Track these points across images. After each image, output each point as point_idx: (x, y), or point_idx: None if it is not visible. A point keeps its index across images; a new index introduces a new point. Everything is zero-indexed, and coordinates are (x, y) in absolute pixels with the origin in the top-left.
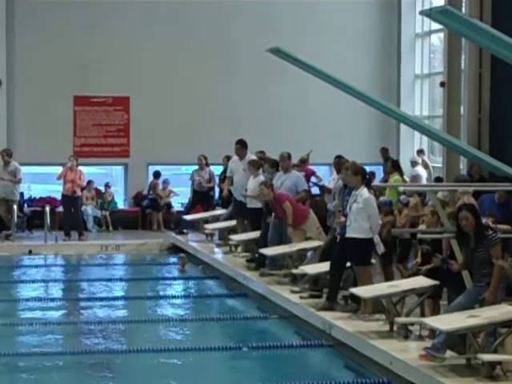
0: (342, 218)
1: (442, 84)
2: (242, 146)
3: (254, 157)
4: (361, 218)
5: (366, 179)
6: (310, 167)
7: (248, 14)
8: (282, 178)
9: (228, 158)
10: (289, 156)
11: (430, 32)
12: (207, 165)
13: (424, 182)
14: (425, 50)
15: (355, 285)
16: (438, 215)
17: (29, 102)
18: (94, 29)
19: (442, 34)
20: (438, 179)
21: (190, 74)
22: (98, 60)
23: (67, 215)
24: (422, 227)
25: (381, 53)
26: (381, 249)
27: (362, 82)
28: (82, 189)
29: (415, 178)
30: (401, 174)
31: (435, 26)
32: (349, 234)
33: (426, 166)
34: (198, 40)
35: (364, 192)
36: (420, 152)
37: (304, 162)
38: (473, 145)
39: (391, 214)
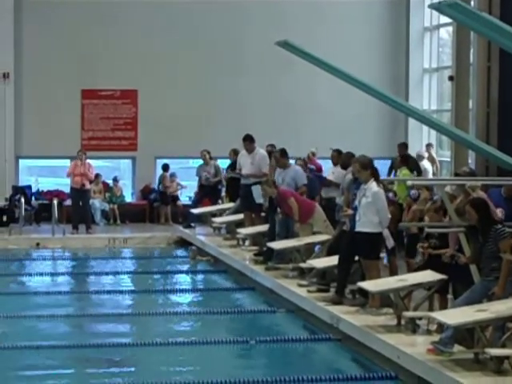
0: (349, 211)
1: (451, 78)
2: (250, 141)
3: (262, 150)
4: (370, 212)
5: (376, 173)
6: (318, 161)
7: (257, 8)
8: (281, 174)
9: (235, 151)
10: (281, 153)
11: (439, 26)
12: (211, 159)
13: (430, 176)
14: (433, 44)
15: (363, 278)
16: (443, 211)
17: (36, 96)
18: (103, 22)
19: (450, 28)
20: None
21: (198, 68)
22: (106, 53)
23: (75, 208)
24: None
25: (389, 46)
26: (390, 243)
27: (370, 76)
28: (90, 182)
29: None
30: (410, 168)
31: (444, 19)
32: (358, 229)
33: (432, 160)
34: (207, 35)
35: (373, 186)
36: (429, 146)
37: (313, 155)
38: (481, 139)
39: (392, 205)
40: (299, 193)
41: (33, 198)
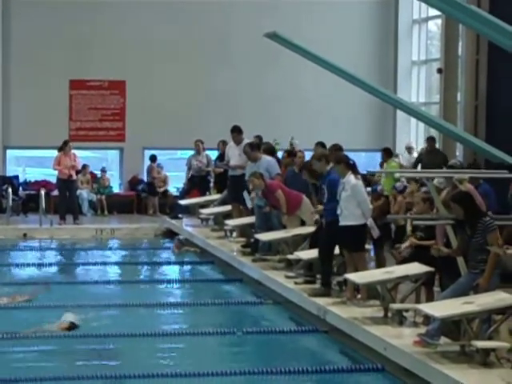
0: (320, 207)
1: (439, 70)
2: (237, 133)
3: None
4: (351, 205)
5: (351, 165)
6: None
7: (245, 1)
8: (254, 167)
9: (224, 142)
10: (251, 147)
11: (428, 18)
12: (204, 149)
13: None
14: (422, 37)
15: (345, 270)
16: (430, 202)
17: (24, 86)
18: (91, 12)
19: (439, 21)
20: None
21: (186, 60)
22: (94, 44)
23: (63, 199)
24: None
25: (378, 39)
26: (376, 233)
27: (358, 68)
28: (77, 172)
29: (412, 164)
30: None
31: (432, 12)
32: (342, 223)
33: None
34: (195, 26)
35: (351, 179)
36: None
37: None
38: (469, 131)
39: (380, 198)
40: None
41: (20, 189)
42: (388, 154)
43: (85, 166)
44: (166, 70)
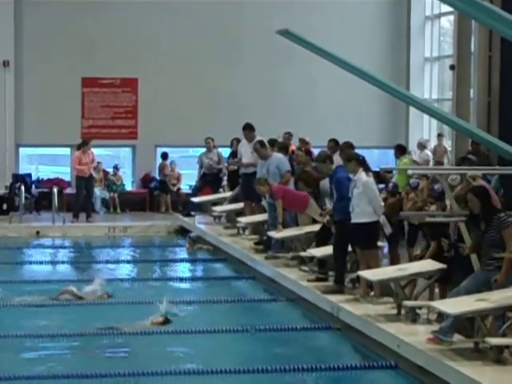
0: (328, 208)
1: (452, 67)
2: (249, 130)
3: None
4: (362, 202)
5: (362, 162)
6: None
7: (257, 0)
8: (265, 165)
9: (237, 140)
10: (261, 144)
11: (440, 15)
12: (214, 147)
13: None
14: (434, 33)
15: (358, 268)
16: (435, 199)
17: (37, 84)
18: (103, 10)
19: (451, 17)
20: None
21: (198, 57)
22: (106, 41)
23: (80, 197)
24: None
25: (390, 35)
26: (388, 229)
27: (371, 65)
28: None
29: (425, 161)
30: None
31: (445, 8)
32: (354, 220)
33: (444, 150)
34: (207, 24)
35: (362, 176)
36: (440, 136)
37: (306, 143)
38: (482, 128)
39: (394, 196)
40: (284, 181)
41: (33, 187)
42: (401, 150)
43: (97, 164)
44: (178, 67)
